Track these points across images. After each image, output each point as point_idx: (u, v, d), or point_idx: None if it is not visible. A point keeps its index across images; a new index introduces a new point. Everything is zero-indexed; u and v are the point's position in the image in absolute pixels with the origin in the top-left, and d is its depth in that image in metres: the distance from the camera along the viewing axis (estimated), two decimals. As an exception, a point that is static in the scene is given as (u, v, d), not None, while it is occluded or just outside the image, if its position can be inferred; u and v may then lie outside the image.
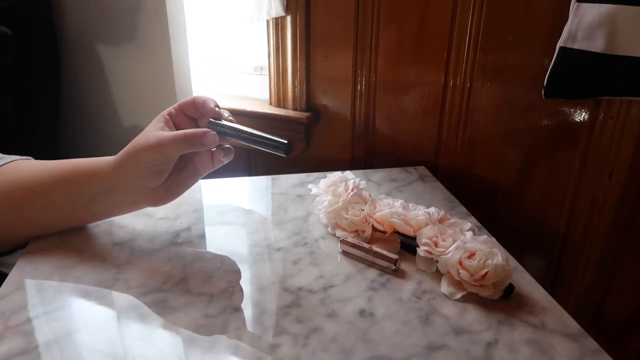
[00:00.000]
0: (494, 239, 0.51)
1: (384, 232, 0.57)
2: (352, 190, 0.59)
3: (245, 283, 0.50)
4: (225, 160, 0.53)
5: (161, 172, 0.50)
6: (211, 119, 0.52)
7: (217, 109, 0.51)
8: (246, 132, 0.50)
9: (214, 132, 0.49)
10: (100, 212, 0.56)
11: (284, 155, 0.49)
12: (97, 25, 1.00)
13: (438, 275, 0.51)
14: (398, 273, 0.52)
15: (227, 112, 0.53)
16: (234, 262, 0.53)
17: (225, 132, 0.51)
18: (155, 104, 0.99)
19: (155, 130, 0.50)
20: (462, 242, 0.50)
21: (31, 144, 0.98)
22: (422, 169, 0.80)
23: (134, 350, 0.40)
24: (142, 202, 0.54)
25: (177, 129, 0.52)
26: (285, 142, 0.48)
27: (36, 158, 0.59)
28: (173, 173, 0.52)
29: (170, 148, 0.48)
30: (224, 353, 0.40)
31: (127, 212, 0.57)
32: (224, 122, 0.51)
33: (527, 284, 0.51)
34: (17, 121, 0.92)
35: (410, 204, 0.59)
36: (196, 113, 0.53)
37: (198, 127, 0.53)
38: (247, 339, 0.42)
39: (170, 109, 0.53)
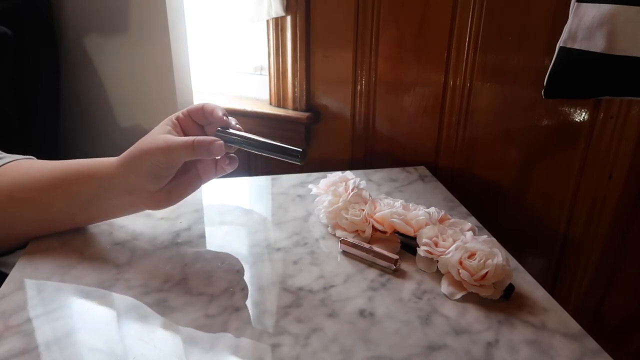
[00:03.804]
0: (494, 239, 0.51)
1: (384, 232, 0.57)
2: (352, 190, 0.59)
3: (245, 283, 0.50)
4: (229, 169, 0.53)
5: (164, 176, 0.50)
6: (220, 128, 0.51)
7: (225, 117, 0.51)
8: (258, 141, 0.50)
9: (221, 142, 0.49)
10: (98, 214, 0.56)
11: (298, 163, 0.49)
12: (97, 25, 1.00)
13: (438, 275, 0.51)
14: (398, 273, 0.52)
15: (235, 120, 0.53)
16: (234, 262, 0.53)
17: (235, 141, 0.51)
18: (155, 104, 0.99)
19: (162, 133, 0.50)
20: (462, 242, 0.50)
21: (31, 143, 0.98)
22: (422, 169, 0.80)
23: (134, 350, 0.40)
24: (141, 205, 0.54)
25: (185, 134, 0.52)
26: (300, 149, 0.48)
27: (37, 157, 0.59)
28: (175, 178, 0.52)
29: (177, 153, 0.48)
30: (224, 353, 0.40)
31: (125, 214, 0.57)
32: (233, 131, 0.51)
33: (527, 284, 0.51)
34: (17, 121, 0.92)
35: (411, 204, 0.59)
36: (204, 120, 0.53)
37: (205, 134, 0.53)
38: (247, 339, 0.42)
39: (179, 113, 0.53)
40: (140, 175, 0.50)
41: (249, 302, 0.47)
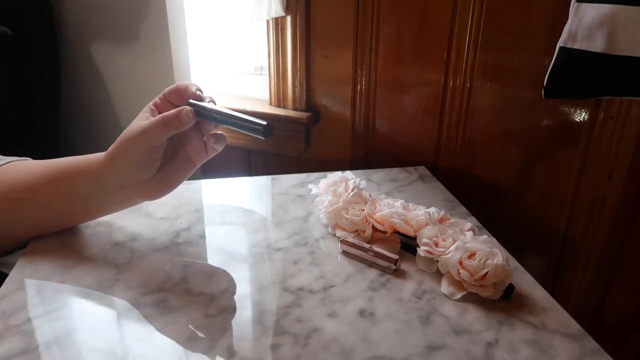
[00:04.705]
0: (494, 239, 0.51)
1: (384, 232, 0.57)
2: (352, 190, 0.59)
3: (245, 283, 0.50)
4: (219, 147, 0.53)
5: (150, 161, 0.50)
6: (190, 101, 0.51)
7: (198, 92, 0.51)
8: (223, 114, 0.49)
9: (188, 109, 0.49)
10: (96, 209, 0.56)
11: (262, 138, 0.48)
12: (97, 25, 1.00)
13: (438, 275, 0.51)
14: (398, 273, 0.52)
15: (210, 97, 0.52)
16: (235, 262, 0.53)
17: (203, 114, 0.50)
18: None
19: (140, 121, 0.50)
20: (463, 242, 0.50)
21: (31, 143, 0.98)
22: (422, 169, 0.80)
23: (134, 350, 0.40)
24: (138, 197, 0.53)
25: None
26: (264, 123, 0.47)
27: (36, 158, 0.59)
28: (166, 164, 0.52)
29: (151, 134, 0.48)
30: (224, 353, 0.40)
31: (123, 208, 0.57)
32: (202, 103, 0.51)
33: (527, 284, 0.51)
34: (17, 121, 0.92)
35: (411, 204, 0.59)
36: (181, 100, 0.52)
37: None
38: (247, 339, 0.42)
39: (156, 99, 0.53)
40: (128, 167, 0.50)
41: (249, 302, 0.47)
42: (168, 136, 0.49)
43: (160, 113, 0.52)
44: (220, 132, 0.53)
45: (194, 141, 0.52)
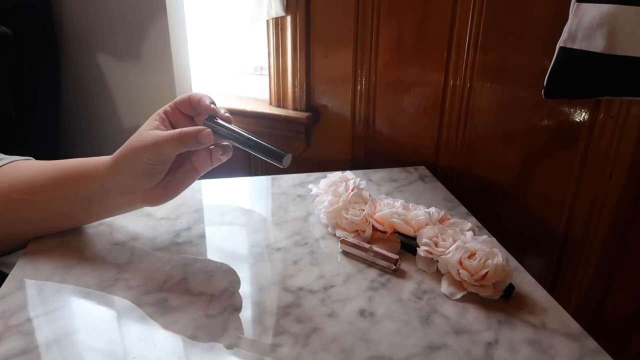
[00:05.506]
0: (494, 239, 0.51)
1: (384, 232, 0.57)
2: (352, 190, 0.59)
3: (245, 283, 0.50)
4: (224, 158, 0.52)
5: (157, 172, 0.50)
6: (207, 119, 0.51)
7: (212, 106, 0.51)
8: (244, 137, 0.49)
9: (209, 130, 0.49)
10: (97, 212, 0.56)
11: (280, 166, 0.48)
12: (97, 26, 1.00)
13: (438, 275, 0.51)
14: (398, 273, 0.52)
15: (224, 109, 0.52)
16: (235, 262, 0.53)
17: (221, 133, 0.50)
18: (155, 105, 0.98)
19: (150, 129, 0.50)
20: (463, 242, 0.50)
21: (31, 144, 0.98)
22: (422, 169, 0.80)
23: (134, 350, 0.40)
24: (139, 202, 0.53)
25: (174, 127, 0.52)
26: (285, 153, 0.48)
27: (36, 158, 0.59)
28: (170, 172, 0.52)
29: (166, 147, 0.48)
30: (224, 353, 0.40)
31: (125, 212, 0.57)
32: (220, 122, 0.50)
33: (527, 284, 0.51)
34: (17, 121, 0.92)
35: (411, 204, 0.59)
36: (192, 111, 0.52)
37: (195, 125, 0.53)
38: (247, 339, 0.42)
39: (166, 107, 0.52)
40: (133, 175, 0.50)
41: (249, 302, 0.47)
42: (181, 152, 0.49)
43: (170, 122, 0.52)
44: (226, 143, 0.52)
45: (201, 151, 0.52)
